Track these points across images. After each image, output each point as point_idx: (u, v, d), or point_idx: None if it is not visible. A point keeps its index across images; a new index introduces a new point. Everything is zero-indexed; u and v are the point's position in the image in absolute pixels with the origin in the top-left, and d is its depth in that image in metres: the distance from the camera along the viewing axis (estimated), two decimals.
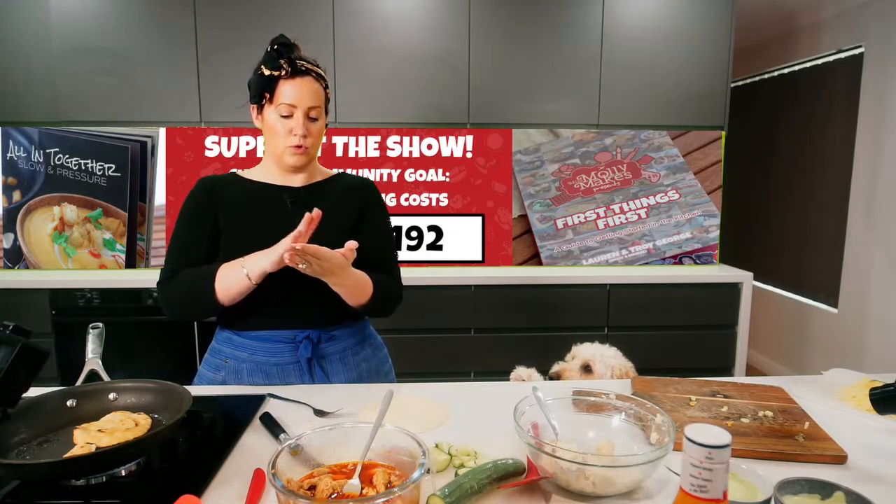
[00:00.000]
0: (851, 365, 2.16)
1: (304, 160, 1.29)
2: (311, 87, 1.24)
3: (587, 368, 1.47)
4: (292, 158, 1.27)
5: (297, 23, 2.74)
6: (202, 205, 1.29)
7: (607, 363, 1.45)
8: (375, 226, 1.39)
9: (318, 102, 1.26)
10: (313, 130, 1.27)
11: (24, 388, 0.90)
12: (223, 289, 1.19)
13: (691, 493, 0.56)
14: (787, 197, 3.91)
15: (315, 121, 1.27)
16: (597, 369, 1.45)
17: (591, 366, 1.46)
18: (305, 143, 1.26)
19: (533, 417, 0.94)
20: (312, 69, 1.26)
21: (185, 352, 2.68)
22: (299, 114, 1.23)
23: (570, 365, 1.50)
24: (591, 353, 1.49)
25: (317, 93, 1.25)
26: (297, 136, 1.24)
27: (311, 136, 1.27)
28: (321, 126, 1.29)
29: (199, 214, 1.29)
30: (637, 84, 2.90)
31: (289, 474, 0.76)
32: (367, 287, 1.26)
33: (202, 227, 1.28)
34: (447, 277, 2.76)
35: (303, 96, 1.23)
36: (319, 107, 1.26)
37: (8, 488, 0.82)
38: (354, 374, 1.34)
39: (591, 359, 1.47)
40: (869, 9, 3.13)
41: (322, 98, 1.28)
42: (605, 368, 1.44)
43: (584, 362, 1.47)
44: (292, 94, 1.23)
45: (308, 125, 1.25)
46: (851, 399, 1.18)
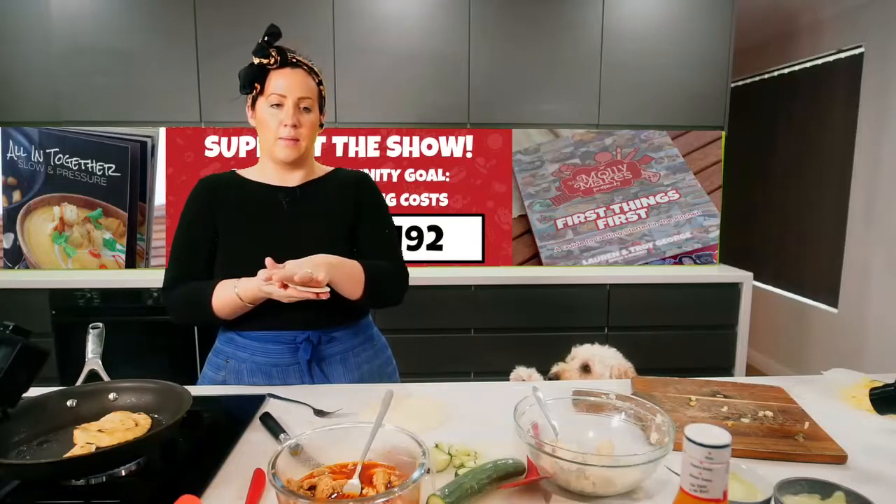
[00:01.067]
0: (851, 365, 2.15)
1: (295, 154, 1.26)
2: (303, 79, 1.24)
3: (586, 369, 1.47)
4: (283, 151, 1.25)
5: (297, 23, 2.74)
6: (201, 207, 1.30)
7: (606, 363, 1.46)
8: (373, 217, 1.38)
9: (310, 94, 1.25)
10: (305, 121, 1.25)
11: (24, 388, 0.90)
12: (220, 307, 1.21)
13: (691, 493, 0.56)
14: (788, 197, 3.91)
15: (308, 112, 1.26)
16: (595, 369, 1.45)
17: (590, 366, 1.47)
18: (296, 135, 1.24)
19: (533, 417, 0.94)
20: (304, 62, 1.27)
21: (185, 352, 2.68)
22: (289, 103, 1.23)
23: (570, 366, 1.50)
24: (590, 354, 1.49)
25: (308, 85, 1.25)
26: (288, 127, 1.23)
27: (303, 126, 1.25)
28: (314, 119, 1.28)
29: (199, 217, 1.29)
30: (637, 84, 2.90)
31: (289, 474, 0.76)
32: (359, 276, 1.24)
33: (202, 230, 1.29)
34: (447, 277, 2.76)
35: (293, 86, 1.23)
36: (311, 98, 1.25)
37: (8, 488, 0.82)
38: (356, 375, 1.34)
39: (590, 359, 1.47)
40: (869, 9, 3.13)
41: (314, 91, 1.27)
42: (603, 368, 1.45)
43: (583, 363, 1.48)
44: (283, 83, 1.23)
45: (299, 116, 1.24)
46: (851, 399, 1.18)
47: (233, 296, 1.18)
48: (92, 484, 0.83)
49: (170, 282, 1.28)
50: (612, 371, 1.44)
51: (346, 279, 1.21)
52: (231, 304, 1.20)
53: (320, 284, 1.09)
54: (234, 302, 1.19)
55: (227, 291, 1.19)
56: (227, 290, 1.20)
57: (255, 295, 1.16)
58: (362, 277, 1.25)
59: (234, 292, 1.18)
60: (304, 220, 1.30)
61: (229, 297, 1.19)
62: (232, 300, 1.19)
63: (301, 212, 1.30)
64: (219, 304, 1.21)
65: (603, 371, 1.44)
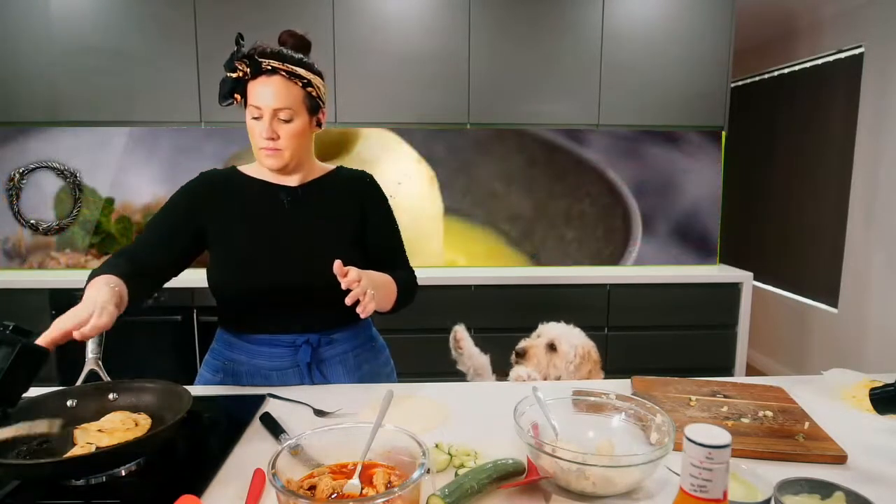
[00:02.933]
0: (851, 365, 2.15)
1: (279, 163, 1.22)
2: (279, 88, 1.16)
3: (552, 347, 1.51)
4: (267, 161, 1.22)
5: (297, 23, 2.72)
6: (193, 202, 1.26)
7: (572, 342, 1.50)
8: (380, 220, 1.37)
9: (288, 104, 1.17)
10: (284, 133, 1.20)
11: (24, 388, 0.90)
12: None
13: (691, 493, 0.56)
14: (787, 197, 3.91)
15: (287, 122, 1.19)
16: (561, 348, 1.50)
17: (555, 344, 1.50)
18: (277, 146, 1.20)
19: (533, 417, 0.94)
20: (281, 68, 1.16)
21: (185, 352, 2.68)
22: (266, 116, 1.18)
23: (537, 342, 1.54)
24: (557, 333, 1.54)
25: (286, 93, 1.17)
26: (264, 139, 1.19)
27: (283, 138, 1.20)
28: (297, 128, 1.20)
29: (186, 211, 1.25)
30: (637, 84, 2.90)
31: (289, 474, 0.76)
32: (392, 289, 1.25)
33: (182, 222, 1.24)
34: (447, 277, 2.76)
35: (268, 97, 1.16)
36: (290, 108, 1.18)
37: (8, 488, 0.82)
38: (355, 377, 1.34)
39: (557, 338, 1.52)
40: (869, 9, 3.13)
41: (295, 98, 1.19)
42: (569, 347, 1.49)
43: (550, 341, 1.52)
44: (257, 95, 1.17)
45: (277, 127, 1.19)
46: (851, 399, 1.18)
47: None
48: (92, 484, 0.83)
49: (122, 250, 1.21)
50: (576, 350, 1.49)
51: (383, 298, 1.21)
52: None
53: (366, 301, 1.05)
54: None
55: (86, 291, 1.03)
56: (87, 289, 1.03)
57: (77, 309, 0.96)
58: (394, 291, 1.26)
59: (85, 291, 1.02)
60: (305, 219, 1.29)
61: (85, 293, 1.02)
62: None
63: (302, 211, 1.29)
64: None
65: (568, 350, 1.49)
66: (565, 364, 1.47)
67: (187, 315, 2.65)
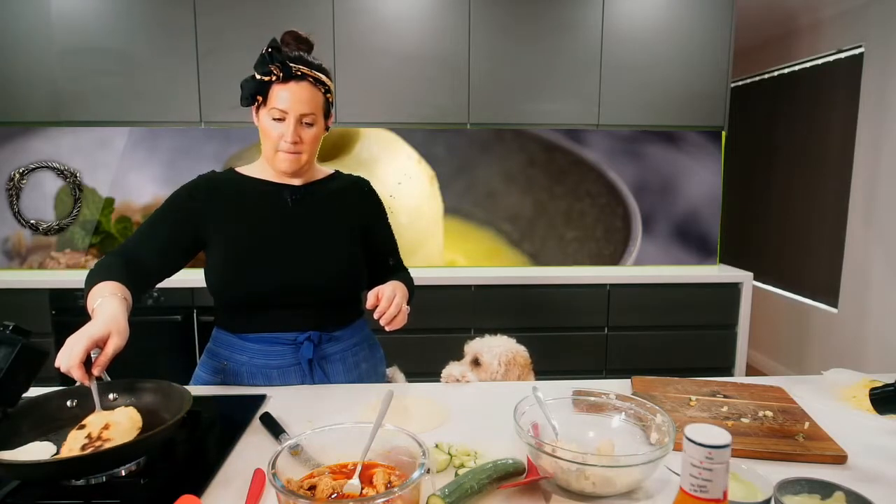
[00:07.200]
0: (851, 365, 2.15)
1: (296, 166, 1.24)
2: (306, 93, 1.19)
3: (476, 362, 1.44)
4: (284, 164, 1.23)
5: (297, 23, 2.73)
6: (192, 205, 1.26)
7: (494, 352, 1.43)
8: (380, 224, 1.42)
9: (313, 109, 1.20)
10: (307, 137, 1.22)
11: (24, 388, 0.90)
12: (88, 300, 1.07)
13: (691, 493, 0.56)
14: (787, 197, 3.91)
15: (310, 126, 1.22)
16: (484, 360, 1.43)
17: (478, 358, 1.44)
18: (298, 150, 1.22)
19: (533, 417, 0.94)
20: (309, 74, 1.19)
21: (185, 352, 2.68)
22: (291, 119, 1.19)
23: (461, 364, 1.46)
24: (478, 347, 1.46)
25: (312, 99, 1.20)
26: (289, 143, 1.20)
27: (305, 142, 1.22)
28: (317, 132, 1.24)
29: (184, 213, 1.25)
30: (637, 84, 2.90)
31: (289, 474, 0.76)
32: (406, 293, 1.28)
33: (180, 223, 1.24)
34: (447, 277, 2.76)
35: (295, 103, 1.18)
36: (314, 113, 1.21)
37: (8, 488, 0.82)
38: (355, 374, 1.34)
39: (478, 352, 1.44)
40: (869, 9, 3.13)
41: (318, 104, 1.22)
42: (491, 357, 1.42)
43: (473, 357, 1.45)
44: (285, 99, 1.18)
45: (300, 131, 1.21)
46: (851, 399, 1.18)
47: (92, 306, 1.03)
48: (92, 484, 0.83)
49: (115, 250, 1.21)
50: (499, 359, 1.42)
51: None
52: (89, 306, 1.05)
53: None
54: (90, 307, 1.04)
55: (94, 297, 1.04)
56: (94, 295, 1.05)
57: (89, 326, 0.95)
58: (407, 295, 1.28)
59: (93, 305, 1.03)
60: (308, 219, 1.29)
61: (89, 304, 1.04)
62: (90, 305, 1.04)
63: (305, 211, 1.30)
64: (89, 297, 1.07)
65: (491, 360, 1.42)
66: (490, 375, 1.42)
67: (187, 315, 2.65)
